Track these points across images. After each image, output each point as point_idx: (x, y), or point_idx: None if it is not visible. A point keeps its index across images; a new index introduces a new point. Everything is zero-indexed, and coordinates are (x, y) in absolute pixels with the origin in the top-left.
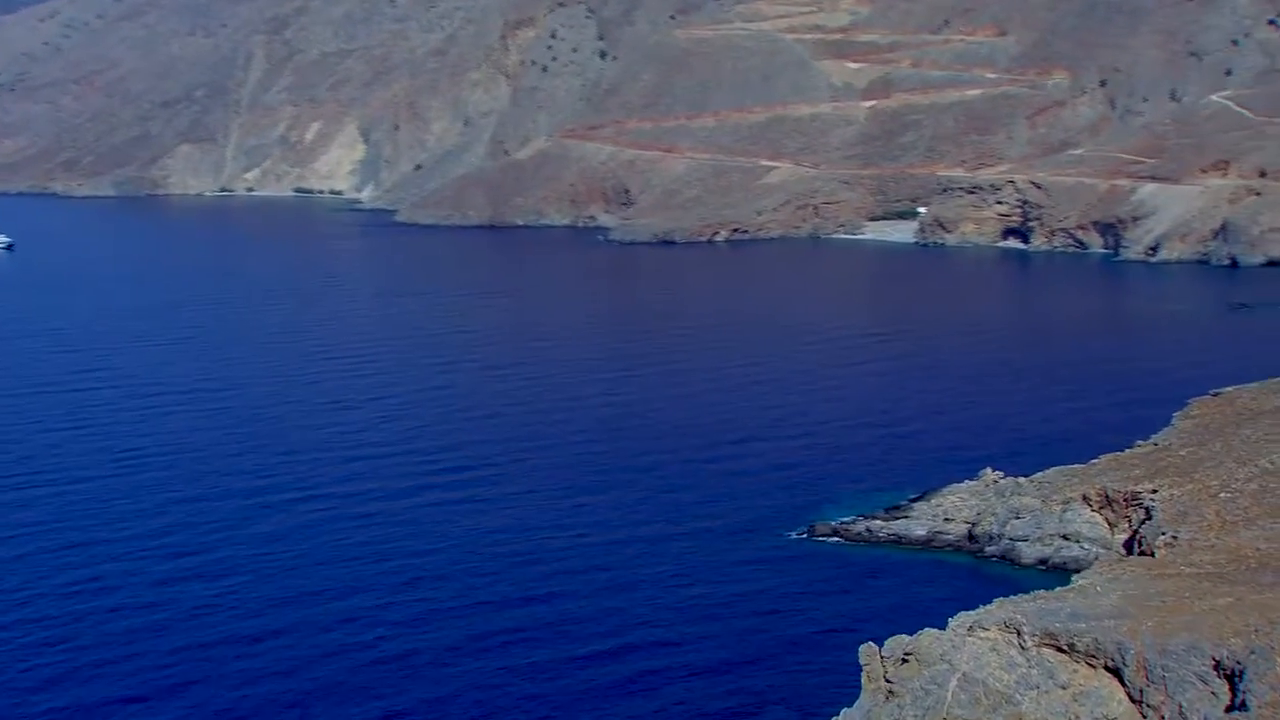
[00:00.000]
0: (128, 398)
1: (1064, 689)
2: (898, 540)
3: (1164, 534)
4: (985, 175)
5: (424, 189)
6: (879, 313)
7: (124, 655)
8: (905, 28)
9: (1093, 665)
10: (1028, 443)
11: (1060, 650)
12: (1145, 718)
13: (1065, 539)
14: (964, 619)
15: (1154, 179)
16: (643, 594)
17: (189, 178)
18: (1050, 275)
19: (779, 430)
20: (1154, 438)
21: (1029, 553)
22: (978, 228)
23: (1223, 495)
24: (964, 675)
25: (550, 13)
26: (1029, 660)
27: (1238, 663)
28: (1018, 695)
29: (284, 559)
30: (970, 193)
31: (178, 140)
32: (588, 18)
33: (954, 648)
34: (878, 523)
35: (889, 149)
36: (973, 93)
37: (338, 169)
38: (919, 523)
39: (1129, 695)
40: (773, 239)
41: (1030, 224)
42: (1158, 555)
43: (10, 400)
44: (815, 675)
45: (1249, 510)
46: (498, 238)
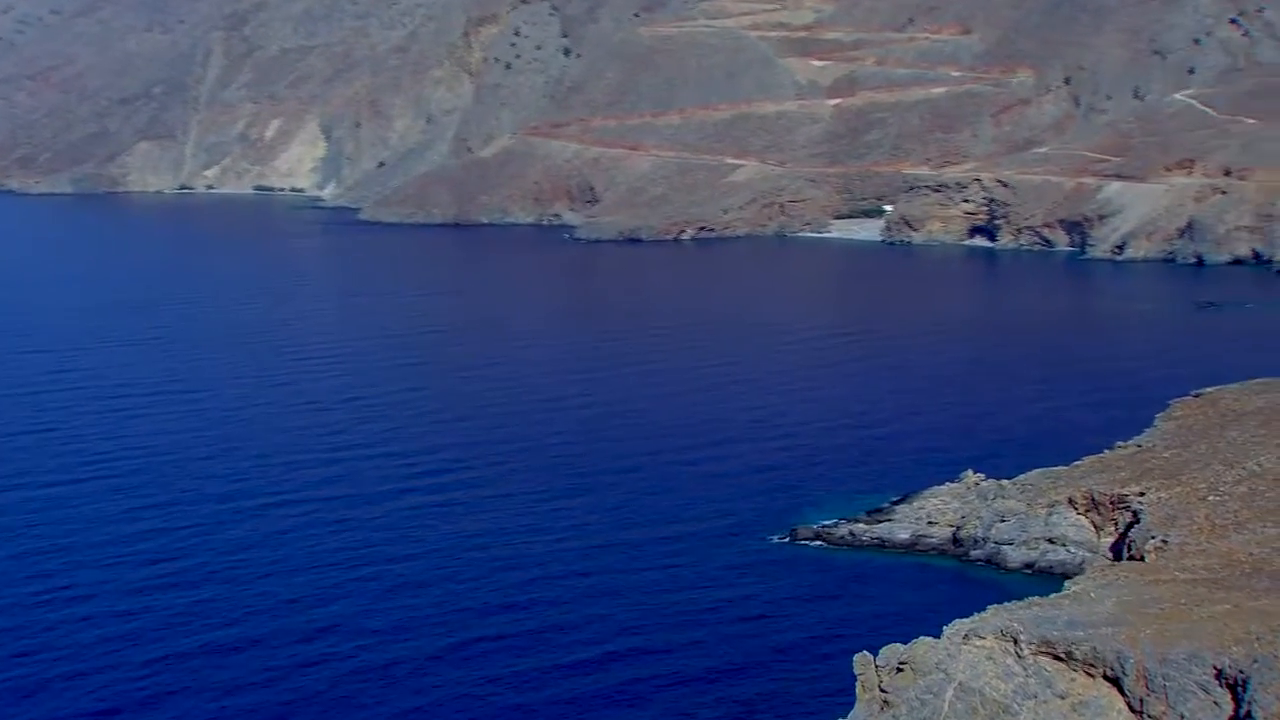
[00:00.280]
0: (94, 399)
1: (1062, 698)
2: (881, 544)
3: (1154, 538)
4: (951, 173)
5: (387, 187)
6: (851, 312)
7: (97, 666)
8: (870, 25)
9: (1091, 674)
10: (1007, 444)
11: (1058, 659)
12: None
13: (1051, 542)
14: (959, 626)
15: (1119, 177)
16: (625, 600)
17: (148, 175)
18: (1017, 274)
19: (757, 432)
20: (1136, 439)
21: (1015, 556)
22: (944, 226)
23: (1211, 498)
24: (960, 685)
25: (513, 9)
26: (1026, 669)
27: (1241, 672)
28: (1015, 705)
29: (259, 566)
30: (936, 191)
31: (136, 137)
32: (551, 15)
33: (950, 656)
34: (860, 526)
35: (854, 147)
36: (937, 91)
37: (299, 166)
38: (902, 526)
39: (1129, 705)
40: (739, 237)
41: (996, 222)
42: (1148, 560)
43: None
44: (805, 683)
45: (1238, 514)
46: (462, 236)
